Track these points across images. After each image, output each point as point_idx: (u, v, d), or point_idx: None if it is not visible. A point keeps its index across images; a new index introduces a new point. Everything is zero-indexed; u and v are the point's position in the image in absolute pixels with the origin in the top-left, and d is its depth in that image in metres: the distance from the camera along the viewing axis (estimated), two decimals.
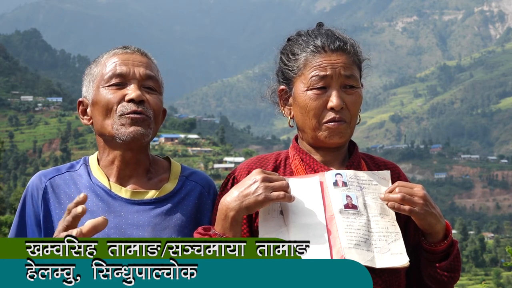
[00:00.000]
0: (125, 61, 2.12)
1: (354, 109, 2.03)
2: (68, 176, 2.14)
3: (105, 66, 2.13)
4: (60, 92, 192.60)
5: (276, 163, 2.10)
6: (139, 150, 2.12)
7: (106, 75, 2.10)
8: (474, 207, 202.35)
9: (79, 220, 1.75)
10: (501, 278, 79.12)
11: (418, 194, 1.90)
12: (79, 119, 2.21)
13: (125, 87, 2.09)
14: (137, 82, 2.10)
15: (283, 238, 1.85)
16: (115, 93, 2.08)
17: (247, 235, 1.99)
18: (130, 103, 2.07)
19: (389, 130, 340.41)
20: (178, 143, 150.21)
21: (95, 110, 2.12)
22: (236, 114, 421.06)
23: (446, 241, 1.94)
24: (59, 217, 2.04)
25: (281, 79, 2.12)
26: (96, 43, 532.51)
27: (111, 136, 2.08)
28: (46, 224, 2.07)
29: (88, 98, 2.15)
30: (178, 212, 2.10)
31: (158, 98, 2.14)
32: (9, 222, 31.95)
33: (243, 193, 1.86)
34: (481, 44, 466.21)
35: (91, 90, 2.14)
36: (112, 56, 2.14)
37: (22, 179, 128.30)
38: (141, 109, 2.07)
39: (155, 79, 2.15)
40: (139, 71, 2.11)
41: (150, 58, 2.19)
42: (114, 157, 2.12)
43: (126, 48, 2.17)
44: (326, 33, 2.07)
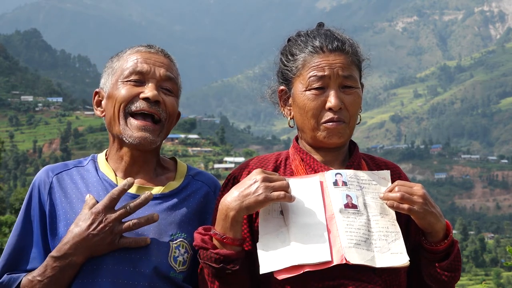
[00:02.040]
0: (147, 59, 2.12)
1: (353, 109, 2.03)
2: (75, 171, 2.15)
3: (127, 61, 2.13)
4: (60, 92, 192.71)
5: (277, 163, 2.10)
6: (148, 150, 2.14)
7: (126, 70, 2.10)
8: (474, 207, 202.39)
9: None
10: (501, 278, 79.18)
11: (417, 193, 1.90)
12: (94, 111, 2.21)
13: (143, 85, 2.09)
14: (156, 82, 2.10)
15: (283, 238, 1.88)
16: (131, 89, 2.08)
17: (247, 235, 1.99)
18: (144, 101, 2.07)
19: (389, 130, 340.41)
20: (178, 143, 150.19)
21: (109, 103, 2.12)
22: (236, 114, 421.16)
23: (446, 240, 1.94)
24: (65, 211, 2.06)
25: (281, 79, 2.13)
26: (96, 43, 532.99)
27: (119, 134, 2.09)
28: (52, 218, 2.07)
29: (105, 90, 2.15)
30: (184, 208, 2.11)
31: (174, 100, 2.14)
32: (9, 222, 31.95)
33: (243, 193, 1.86)
34: (481, 44, 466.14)
35: (109, 83, 2.14)
36: (135, 53, 2.14)
37: (22, 179, 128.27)
38: (153, 110, 2.07)
39: (174, 82, 2.15)
40: (160, 71, 2.11)
41: (172, 60, 2.19)
42: (123, 153, 2.13)
43: (150, 47, 2.17)
44: (325, 33, 2.07)
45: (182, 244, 2.05)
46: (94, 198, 1.94)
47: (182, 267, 2.04)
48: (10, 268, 2.06)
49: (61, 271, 1.94)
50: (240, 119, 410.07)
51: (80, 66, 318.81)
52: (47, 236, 2.06)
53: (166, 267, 2.02)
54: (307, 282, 1.88)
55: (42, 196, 2.09)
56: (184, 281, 2.05)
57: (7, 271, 2.05)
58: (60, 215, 2.06)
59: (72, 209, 2.05)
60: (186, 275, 2.06)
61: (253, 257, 1.94)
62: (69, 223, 2.02)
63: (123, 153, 2.13)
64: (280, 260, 1.85)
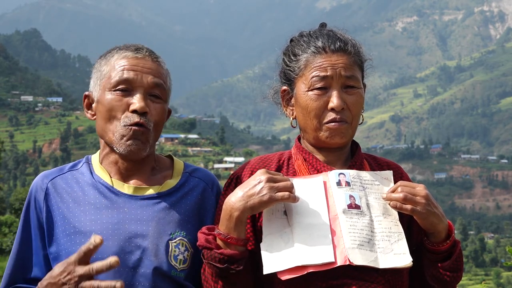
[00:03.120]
0: (134, 66, 2.10)
1: (355, 110, 2.04)
2: (70, 175, 2.15)
3: (114, 68, 2.10)
4: (60, 92, 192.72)
5: (279, 163, 2.11)
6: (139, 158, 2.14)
7: (113, 79, 2.09)
8: (474, 207, 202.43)
9: (91, 254, 1.83)
10: (501, 278, 79.17)
11: (420, 194, 1.91)
12: (84, 113, 2.22)
13: (130, 94, 2.08)
14: (143, 90, 2.08)
15: (287, 239, 1.89)
16: (120, 100, 2.07)
17: (250, 235, 1.99)
18: (134, 113, 2.06)
19: (389, 130, 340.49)
20: (178, 143, 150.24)
21: (98, 111, 2.12)
22: (236, 114, 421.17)
23: (448, 241, 1.95)
24: (62, 215, 2.07)
25: (283, 79, 2.13)
26: (96, 43, 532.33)
27: (110, 142, 2.09)
28: (49, 225, 2.08)
29: (94, 95, 2.15)
30: (182, 206, 2.11)
31: (161, 107, 2.13)
32: (9, 222, 31.97)
33: (247, 193, 1.87)
34: (481, 44, 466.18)
35: (98, 88, 2.13)
36: (122, 59, 2.11)
37: (22, 179, 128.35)
38: (142, 121, 2.06)
39: (162, 88, 2.13)
40: (147, 79, 2.09)
41: (160, 63, 2.16)
42: (116, 159, 2.13)
43: (137, 51, 2.13)
44: (327, 33, 2.07)
45: (181, 243, 2.06)
46: (98, 239, 1.83)
47: (183, 265, 2.05)
48: (16, 276, 2.09)
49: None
50: (240, 119, 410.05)
51: (80, 66, 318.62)
52: (45, 243, 2.08)
53: (167, 266, 2.02)
54: (311, 282, 1.89)
55: (38, 204, 2.10)
56: (186, 279, 2.06)
57: (14, 279, 2.09)
58: (57, 221, 2.07)
59: (70, 213, 2.06)
60: (187, 273, 2.06)
61: (256, 257, 1.94)
62: (67, 228, 2.04)
63: (117, 158, 2.13)
64: (284, 261, 1.86)
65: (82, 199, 2.08)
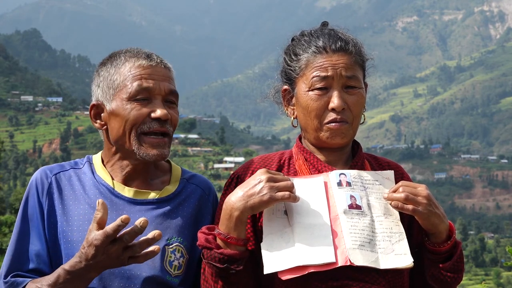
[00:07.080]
0: (151, 75, 2.10)
1: (356, 110, 2.03)
2: (72, 173, 2.16)
3: (129, 78, 2.10)
4: (60, 92, 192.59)
5: (280, 163, 2.10)
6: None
7: (131, 88, 2.08)
8: (474, 207, 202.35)
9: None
10: (501, 278, 79.28)
11: (421, 194, 1.90)
12: (90, 121, 2.22)
13: (150, 102, 2.09)
14: (162, 98, 2.11)
15: (288, 238, 1.88)
16: (140, 110, 2.08)
17: (251, 235, 1.99)
18: (155, 121, 2.08)
19: (389, 130, 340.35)
20: (178, 143, 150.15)
21: (115, 121, 2.11)
22: (236, 114, 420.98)
23: (449, 241, 1.94)
24: (61, 213, 2.08)
25: (284, 79, 2.13)
26: (96, 43, 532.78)
27: (130, 150, 2.10)
28: (50, 219, 2.09)
29: (106, 106, 2.13)
30: (180, 213, 2.14)
31: (177, 112, 2.18)
32: (9, 222, 31.95)
33: (248, 193, 1.86)
34: (481, 44, 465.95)
35: (110, 98, 2.12)
36: (137, 68, 2.11)
37: (22, 179, 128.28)
38: (164, 129, 2.10)
39: (176, 93, 2.16)
40: (164, 86, 2.11)
41: (170, 69, 2.18)
42: (125, 165, 2.14)
43: (149, 59, 2.13)
44: (328, 33, 2.06)
45: (177, 249, 2.08)
46: (102, 211, 1.86)
47: (178, 271, 2.06)
48: (15, 269, 2.07)
49: (74, 284, 1.93)
50: (240, 119, 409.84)
51: (80, 66, 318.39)
52: (45, 233, 2.08)
53: (162, 271, 2.04)
54: (311, 283, 1.88)
55: (40, 196, 2.10)
56: (180, 285, 2.08)
57: (13, 271, 2.07)
58: (58, 216, 2.09)
59: (69, 210, 2.09)
60: (181, 279, 2.08)
61: (257, 257, 1.94)
62: (64, 224, 2.07)
63: (125, 164, 2.14)
64: (284, 261, 1.85)
65: (83, 198, 2.10)
